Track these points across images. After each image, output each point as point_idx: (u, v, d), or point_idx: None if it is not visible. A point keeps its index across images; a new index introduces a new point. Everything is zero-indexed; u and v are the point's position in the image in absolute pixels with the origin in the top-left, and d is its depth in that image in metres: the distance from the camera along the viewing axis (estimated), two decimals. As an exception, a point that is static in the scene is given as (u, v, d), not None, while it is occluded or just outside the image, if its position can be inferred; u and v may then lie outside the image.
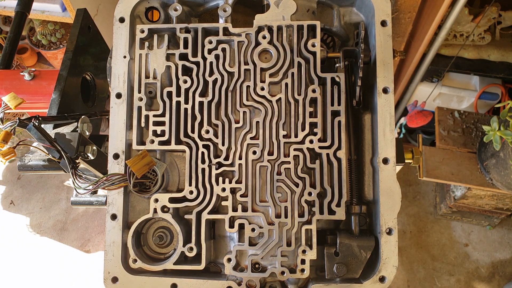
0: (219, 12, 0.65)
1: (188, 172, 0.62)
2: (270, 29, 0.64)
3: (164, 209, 0.62)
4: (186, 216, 0.62)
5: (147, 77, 0.65)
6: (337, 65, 0.64)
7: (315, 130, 0.62)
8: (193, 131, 0.63)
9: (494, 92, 1.62)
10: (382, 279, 0.59)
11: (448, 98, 1.71)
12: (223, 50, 0.64)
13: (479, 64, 1.49)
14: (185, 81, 0.64)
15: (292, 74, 0.63)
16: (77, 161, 0.65)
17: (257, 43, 0.64)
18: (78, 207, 1.69)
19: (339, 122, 0.62)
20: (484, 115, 1.61)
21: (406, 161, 0.71)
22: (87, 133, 0.73)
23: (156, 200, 0.62)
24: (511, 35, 1.52)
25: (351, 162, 0.63)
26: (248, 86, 0.63)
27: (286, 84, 0.63)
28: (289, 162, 0.62)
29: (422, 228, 2.00)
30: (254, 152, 0.63)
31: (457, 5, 1.20)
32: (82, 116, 0.74)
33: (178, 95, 0.64)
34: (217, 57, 0.64)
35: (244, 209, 0.62)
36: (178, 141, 0.63)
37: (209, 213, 0.62)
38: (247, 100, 0.63)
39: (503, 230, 1.97)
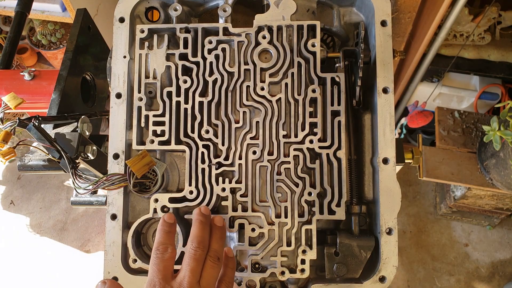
0: (219, 12, 0.65)
1: (188, 172, 0.62)
2: (270, 29, 0.64)
3: (164, 209, 0.62)
4: (186, 216, 0.62)
5: (147, 77, 0.65)
6: (337, 65, 0.64)
7: (315, 130, 0.62)
8: (193, 131, 0.63)
9: (494, 92, 1.62)
10: (382, 279, 0.59)
11: (448, 98, 1.71)
12: (223, 50, 0.64)
13: (479, 64, 1.49)
14: (185, 81, 0.64)
15: (292, 74, 0.63)
16: (77, 161, 0.65)
17: (257, 43, 0.64)
18: (78, 207, 1.69)
19: (339, 122, 0.62)
20: (484, 115, 1.61)
21: (406, 161, 0.71)
22: (87, 133, 0.73)
23: (156, 200, 0.62)
24: (511, 35, 1.52)
25: (351, 162, 0.63)
26: (248, 86, 0.63)
27: (286, 84, 0.63)
28: (289, 162, 0.62)
29: (422, 228, 2.00)
30: (254, 152, 0.63)
31: (457, 5, 1.20)
32: (82, 116, 0.74)
33: (178, 95, 0.64)
34: (217, 57, 0.64)
35: (244, 209, 0.62)
36: (178, 141, 0.63)
37: (209, 213, 0.62)
38: (247, 100, 0.63)
39: (503, 230, 1.97)
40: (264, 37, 0.63)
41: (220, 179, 0.62)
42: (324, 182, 0.61)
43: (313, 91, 0.63)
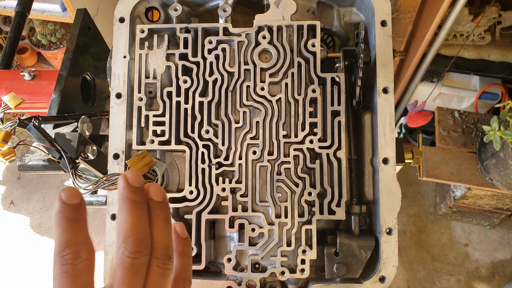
0: (219, 12, 0.65)
1: (188, 172, 0.62)
2: (270, 29, 0.64)
3: (164, 209, 0.62)
4: (186, 216, 0.62)
5: (147, 77, 0.65)
6: (337, 65, 0.64)
7: (315, 130, 0.62)
8: (193, 131, 0.63)
9: (494, 92, 1.62)
10: (382, 279, 0.59)
11: (448, 98, 1.71)
12: (223, 50, 0.64)
13: (479, 64, 1.49)
14: (185, 81, 0.64)
15: (292, 74, 0.63)
16: (77, 161, 0.65)
17: (257, 43, 0.64)
18: (78, 207, 1.69)
19: (339, 122, 0.62)
20: (484, 115, 1.61)
21: (406, 161, 0.71)
22: (87, 133, 0.73)
23: (156, 200, 0.62)
24: (511, 35, 1.52)
25: (351, 162, 0.63)
26: (248, 86, 0.63)
27: (286, 84, 0.63)
28: (289, 162, 0.62)
29: (422, 228, 2.00)
30: (254, 152, 0.63)
31: (457, 5, 1.20)
32: (82, 116, 0.74)
33: (178, 95, 0.64)
34: (217, 57, 0.64)
35: (244, 209, 0.62)
36: (178, 141, 0.63)
37: (209, 213, 0.62)
38: (247, 100, 0.63)
39: (503, 230, 1.97)
40: (264, 37, 0.63)
41: (220, 179, 0.62)
42: (324, 182, 0.61)
43: (313, 91, 0.63)
